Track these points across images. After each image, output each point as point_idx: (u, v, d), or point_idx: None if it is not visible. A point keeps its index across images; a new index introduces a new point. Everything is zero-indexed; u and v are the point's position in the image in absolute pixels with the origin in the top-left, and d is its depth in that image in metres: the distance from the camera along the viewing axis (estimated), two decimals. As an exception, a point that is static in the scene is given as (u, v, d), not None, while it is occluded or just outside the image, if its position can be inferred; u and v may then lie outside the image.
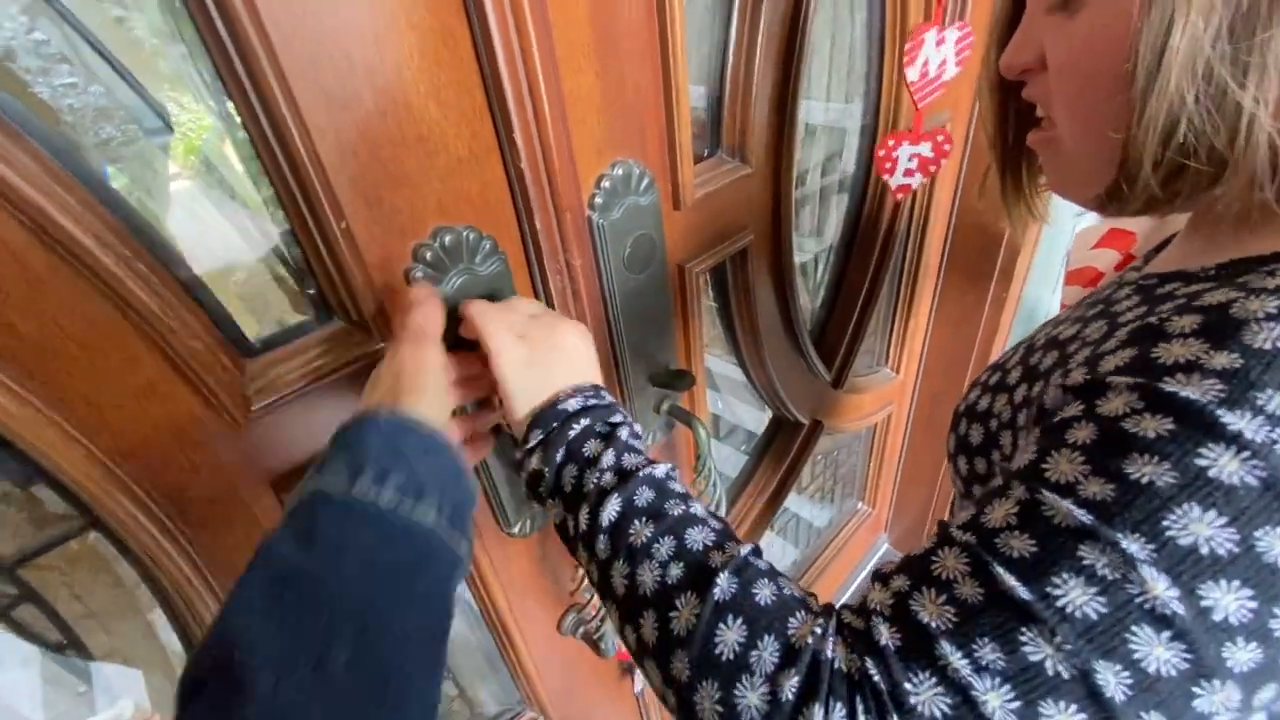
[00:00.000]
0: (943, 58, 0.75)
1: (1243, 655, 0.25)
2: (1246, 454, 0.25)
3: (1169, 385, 0.27)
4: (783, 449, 1.15)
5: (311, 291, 0.45)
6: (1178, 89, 0.29)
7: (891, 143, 0.80)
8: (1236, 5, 0.28)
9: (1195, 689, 0.25)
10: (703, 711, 0.31)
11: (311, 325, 0.46)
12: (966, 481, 0.46)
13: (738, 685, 0.31)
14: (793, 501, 1.52)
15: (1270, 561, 0.24)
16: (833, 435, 1.24)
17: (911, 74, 0.74)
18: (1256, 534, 0.24)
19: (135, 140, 0.36)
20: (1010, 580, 0.27)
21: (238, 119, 0.38)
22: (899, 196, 0.86)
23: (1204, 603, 0.25)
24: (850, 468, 1.56)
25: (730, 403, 1.44)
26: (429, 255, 0.47)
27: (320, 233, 0.41)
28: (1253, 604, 0.25)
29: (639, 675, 0.93)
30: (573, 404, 0.43)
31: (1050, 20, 0.36)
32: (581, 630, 0.77)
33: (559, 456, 0.42)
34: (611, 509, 0.38)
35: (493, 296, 0.51)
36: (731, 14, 0.63)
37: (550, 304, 0.56)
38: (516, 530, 0.65)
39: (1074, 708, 0.26)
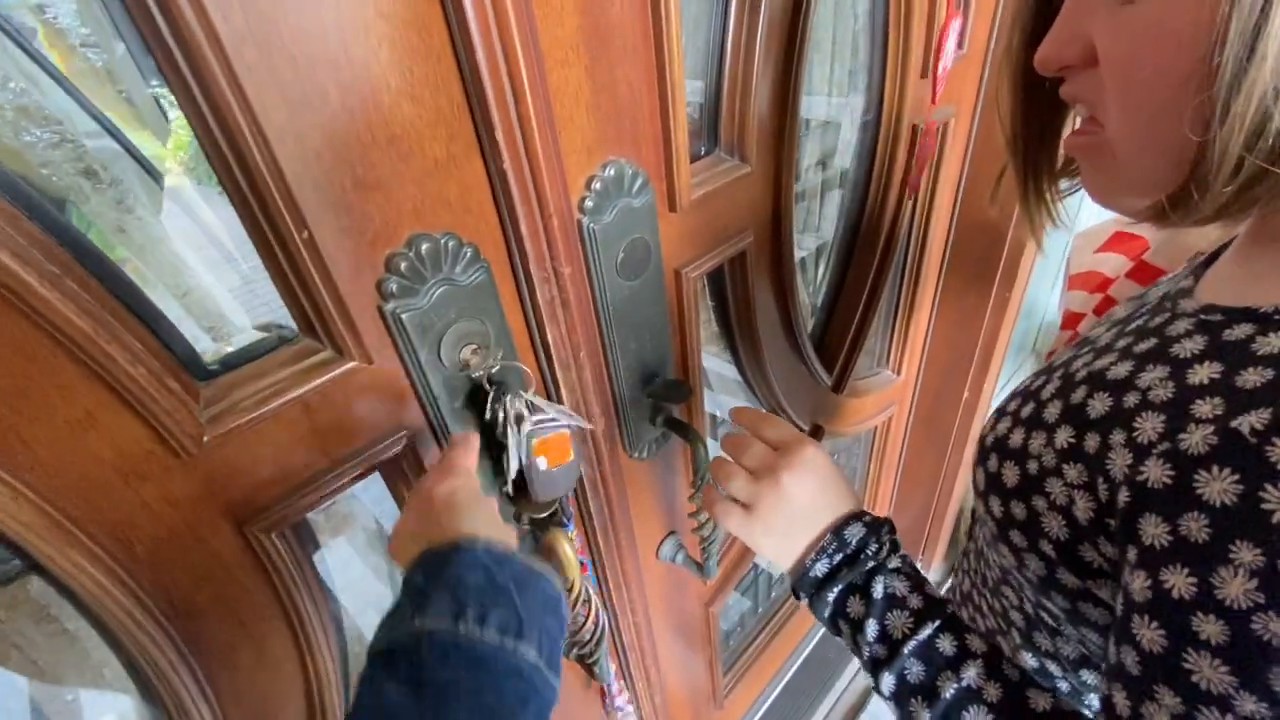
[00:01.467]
0: (952, 46, 0.71)
1: None
2: None
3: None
4: (782, 455, 1.12)
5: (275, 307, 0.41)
6: (1273, 81, 0.25)
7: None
8: None
9: None
10: None
11: (274, 344, 0.42)
12: (1002, 524, 0.42)
13: None
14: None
15: None
16: (832, 439, 1.21)
17: (943, 66, 0.70)
18: None
19: (66, 142, 0.32)
20: None
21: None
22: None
23: None
24: (850, 470, 1.53)
25: (727, 403, 1.41)
26: (404, 265, 0.43)
27: (280, 244, 0.37)
28: None
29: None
30: (820, 569, 0.45)
31: (1102, 7, 0.32)
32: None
33: (828, 620, 0.45)
34: (887, 683, 0.41)
35: (477, 308, 0.47)
36: (730, 5, 0.59)
37: (538, 314, 0.52)
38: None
39: None
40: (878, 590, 0.43)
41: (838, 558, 0.45)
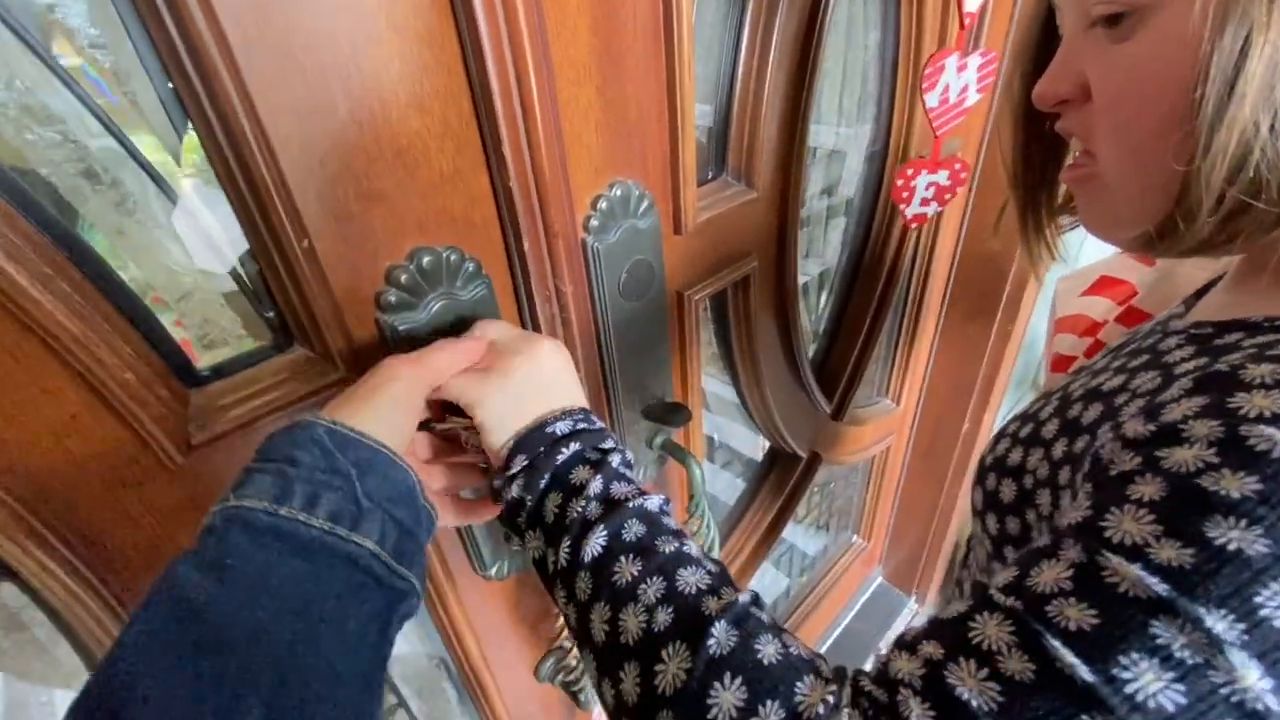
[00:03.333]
0: (964, 84, 0.72)
1: None
2: None
3: (1254, 439, 0.24)
4: (779, 482, 1.11)
5: (270, 315, 0.41)
6: (1252, 116, 0.26)
7: (910, 171, 0.76)
8: None
9: None
10: None
11: (269, 352, 0.41)
12: (996, 542, 0.42)
13: None
14: (786, 529, 1.48)
15: None
16: (830, 466, 1.20)
17: (931, 100, 0.71)
18: None
19: (69, 142, 0.32)
20: (1069, 657, 0.23)
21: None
22: (913, 225, 0.83)
23: None
24: (846, 499, 1.51)
25: (724, 425, 1.40)
26: (404, 278, 0.42)
27: (279, 251, 0.37)
28: None
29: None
30: (561, 426, 0.38)
31: (1095, 45, 0.33)
32: (560, 678, 0.72)
33: (543, 482, 0.37)
34: (596, 543, 0.34)
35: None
36: (743, 31, 0.60)
37: (538, 331, 0.51)
38: (493, 573, 0.60)
39: None
40: (614, 460, 0.38)
41: (582, 425, 0.39)
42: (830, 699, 0.27)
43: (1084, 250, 1.18)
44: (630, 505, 0.35)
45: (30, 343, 0.31)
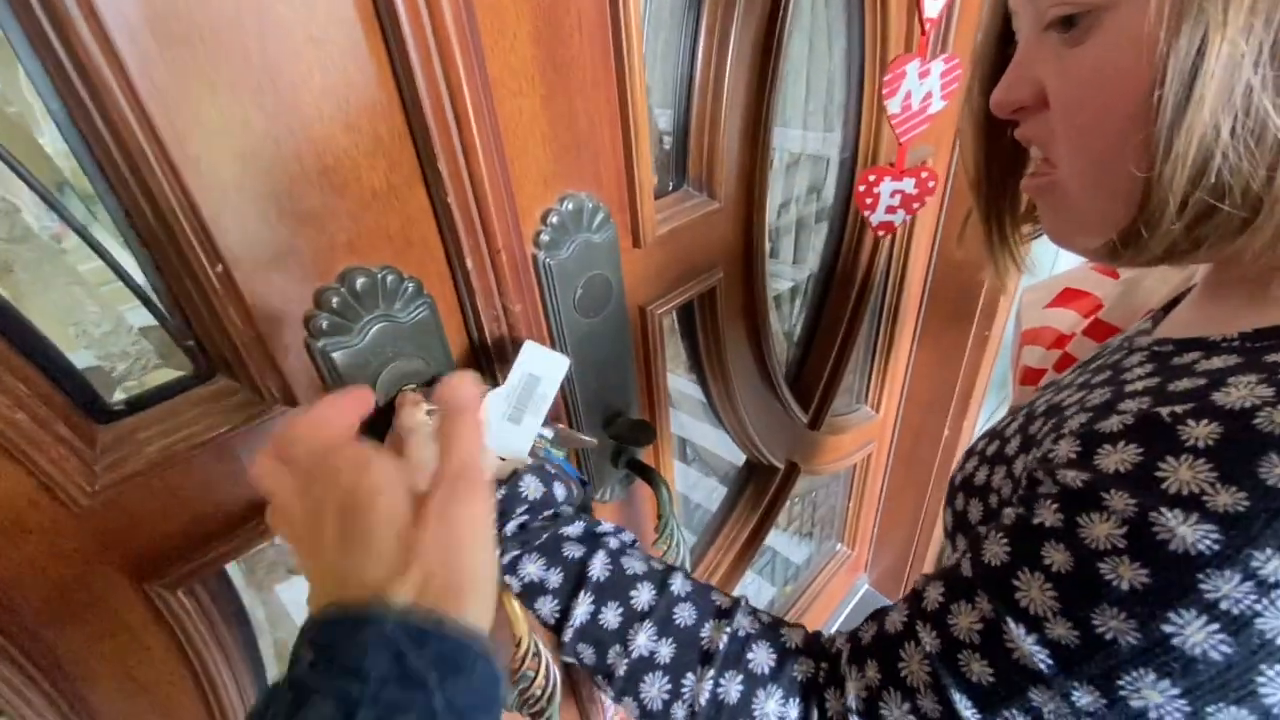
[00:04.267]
0: (927, 90, 0.70)
1: None
2: (1216, 626, 0.23)
3: (1158, 528, 0.25)
4: (757, 493, 1.09)
5: (189, 344, 0.38)
6: (1212, 120, 0.25)
7: (872, 178, 0.75)
8: (1276, 49, 0.23)
9: None
10: None
11: (190, 382, 0.39)
12: None
13: None
14: (770, 537, 1.46)
15: None
16: (810, 476, 1.18)
17: (892, 106, 0.70)
18: (1209, 709, 0.24)
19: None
20: (965, 709, 0.30)
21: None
22: (880, 234, 0.81)
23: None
24: (829, 508, 1.50)
25: (704, 431, 1.38)
26: (335, 301, 0.40)
27: (191, 277, 0.34)
28: None
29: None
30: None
31: (1051, 50, 0.32)
32: (526, 710, 0.69)
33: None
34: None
35: (419, 346, 0.45)
36: (698, 40, 0.58)
37: (487, 353, 0.49)
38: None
39: None
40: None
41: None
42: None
43: (1058, 263, 1.17)
44: (565, 638, 0.41)
45: (-97, 384, 0.28)
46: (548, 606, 0.42)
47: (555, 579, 0.42)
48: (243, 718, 0.46)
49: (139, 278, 0.36)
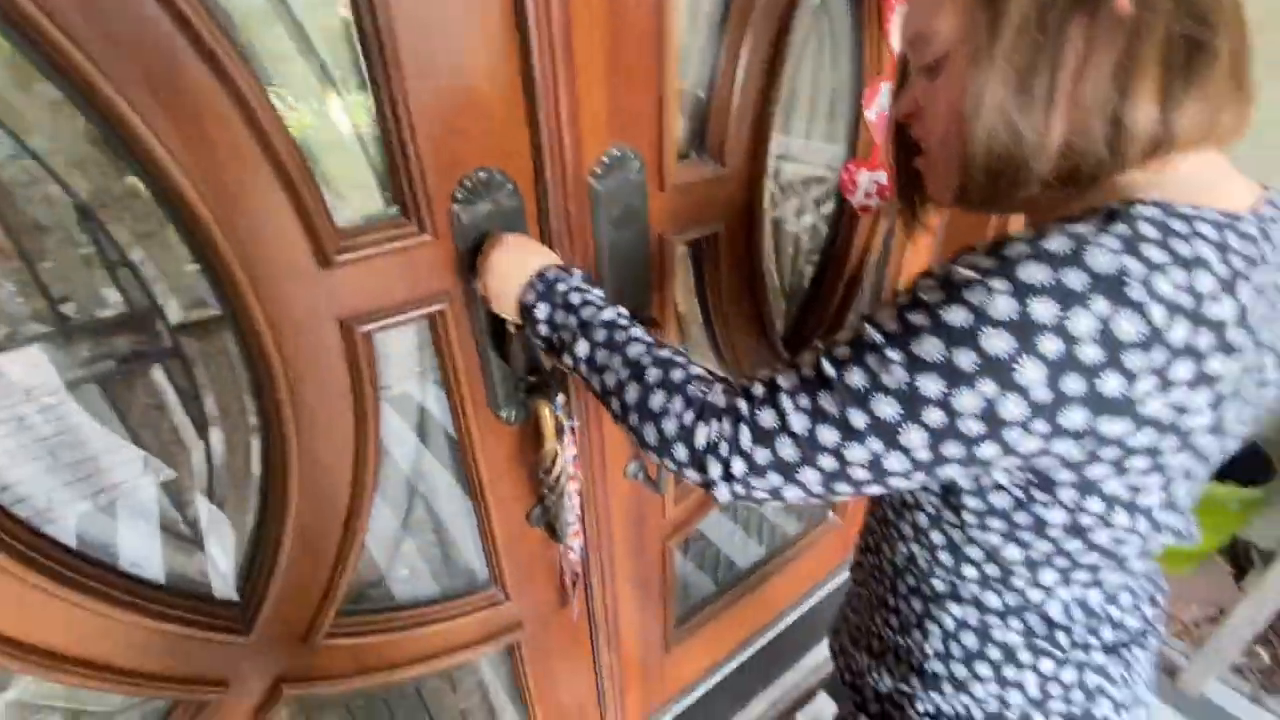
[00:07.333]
0: (881, 104, 0.94)
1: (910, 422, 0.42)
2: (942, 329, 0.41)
3: (953, 272, 0.42)
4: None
5: (388, 195, 0.68)
6: (990, 125, 0.46)
7: (853, 168, 0.99)
8: (1020, 83, 0.45)
9: (899, 428, 0.42)
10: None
11: (384, 216, 0.68)
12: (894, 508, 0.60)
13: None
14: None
15: (918, 386, 0.41)
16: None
17: (870, 115, 0.93)
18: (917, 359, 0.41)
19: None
20: (828, 369, 0.45)
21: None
22: (862, 214, 1.04)
23: (919, 388, 0.41)
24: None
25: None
26: (469, 184, 0.68)
27: (403, 155, 0.63)
28: (917, 389, 0.41)
29: (578, 599, 1.10)
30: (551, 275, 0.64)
31: (922, 80, 0.54)
32: (544, 519, 0.96)
33: (553, 310, 0.63)
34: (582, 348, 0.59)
35: (510, 222, 0.73)
36: (721, 48, 0.85)
37: (549, 236, 0.77)
38: (504, 415, 0.85)
39: (835, 431, 0.44)
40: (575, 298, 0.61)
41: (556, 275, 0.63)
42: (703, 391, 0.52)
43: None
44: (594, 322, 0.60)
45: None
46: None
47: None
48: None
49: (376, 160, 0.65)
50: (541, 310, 0.61)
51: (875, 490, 0.46)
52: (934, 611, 0.59)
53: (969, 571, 0.55)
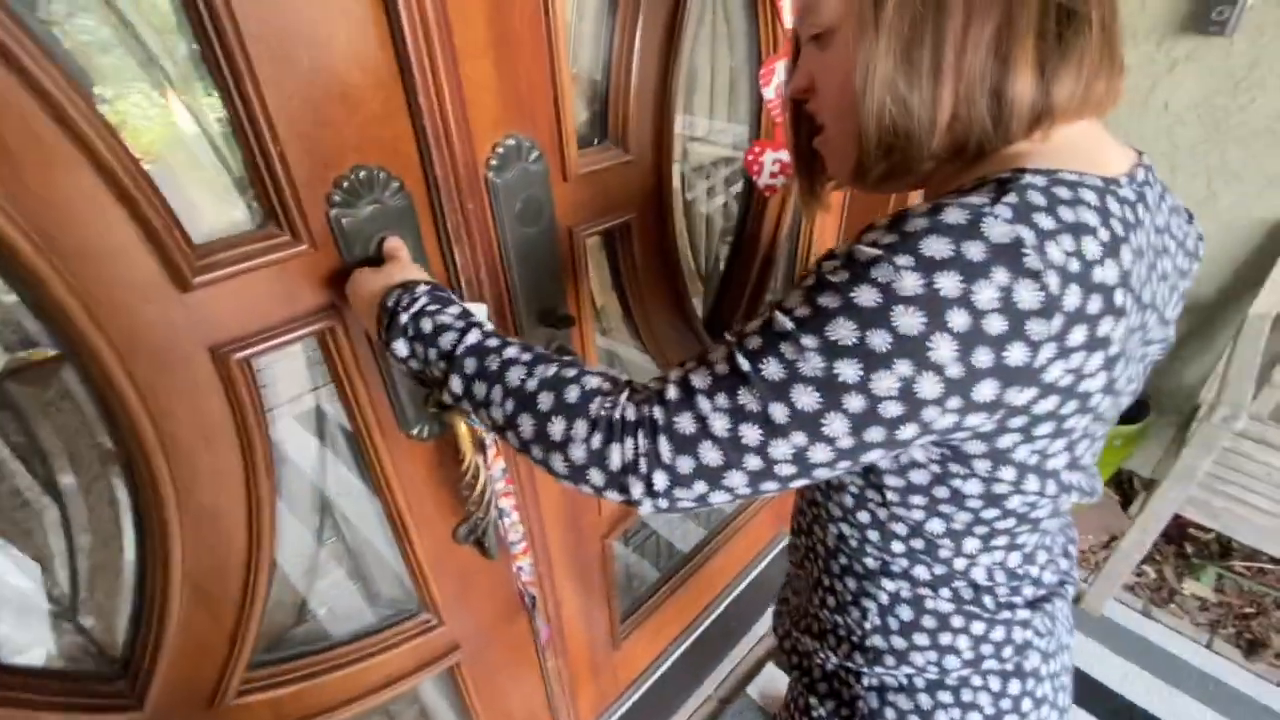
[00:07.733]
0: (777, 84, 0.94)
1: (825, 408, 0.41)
2: (850, 309, 0.39)
3: (855, 251, 0.41)
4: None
5: (252, 202, 0.60)
6: (880, 100, 0.45)
7: (758, 149, 0.98)
8: (904, 55, 0.44)
9: (821, 418, 0.40)
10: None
11: (250, 227, 0.60)
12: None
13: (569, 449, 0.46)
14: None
15: (836, 372, 0.39)
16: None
17: (767, 93, 0.93)
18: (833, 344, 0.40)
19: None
20: (743, 363, 0.42)
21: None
22: (768, 194, 1.04)
23: (837, 375, 0.39)
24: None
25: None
26: (346, 184, 0.62)
27: (263, 155, 0.56)
28: (833, 376, 0.40)
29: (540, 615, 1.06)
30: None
31: (813, 54, 0.52)
32: (472, 537, 0.90)
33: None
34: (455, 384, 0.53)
35: (400, 225, 0.66)
36: (614, 30, 0.81)
37: (447, 236, 0.71)
38: (415, 432, 0.79)
39: (758, 428, 0.41)
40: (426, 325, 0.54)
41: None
42: (609, 405, 0.46)
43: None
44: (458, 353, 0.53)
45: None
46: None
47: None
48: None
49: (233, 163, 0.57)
50: (400, 348, 0.55)
51: (801, 483, 0.45)
52: (868, 588, 0.59)
53: (897, 547, 0.55)
